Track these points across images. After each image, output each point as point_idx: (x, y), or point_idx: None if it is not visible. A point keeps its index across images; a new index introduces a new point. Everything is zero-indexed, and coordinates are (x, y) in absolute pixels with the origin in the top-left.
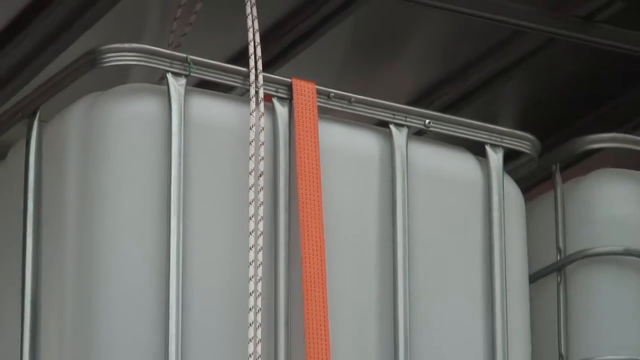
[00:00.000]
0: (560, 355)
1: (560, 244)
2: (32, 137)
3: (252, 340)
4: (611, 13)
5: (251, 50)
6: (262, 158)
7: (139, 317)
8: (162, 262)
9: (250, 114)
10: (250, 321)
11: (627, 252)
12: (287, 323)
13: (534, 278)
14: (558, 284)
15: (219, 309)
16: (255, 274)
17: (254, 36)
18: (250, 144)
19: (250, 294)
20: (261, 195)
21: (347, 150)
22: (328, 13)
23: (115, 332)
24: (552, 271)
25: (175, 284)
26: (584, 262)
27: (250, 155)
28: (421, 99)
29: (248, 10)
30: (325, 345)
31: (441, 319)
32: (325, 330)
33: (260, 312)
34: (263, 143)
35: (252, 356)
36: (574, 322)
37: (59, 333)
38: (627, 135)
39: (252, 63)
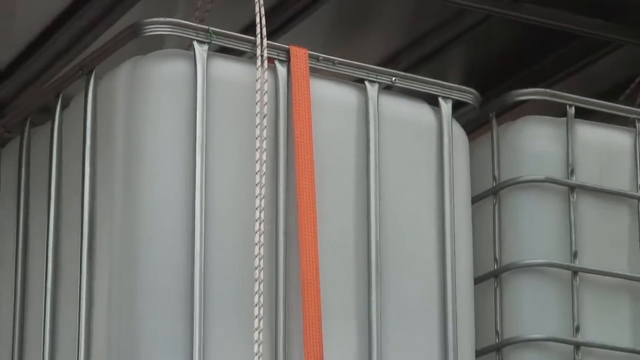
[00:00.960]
0: (495, 259)
1: (496, 174)
2: (89, 90)
3: (257, 256)
4: None
5: (258, 22)
6: (266, 103)
7: (172, 242)
8: (190, 185)
9: (257, 72)
10: (256, 241)
11: (546, 180)
12: (285, 242)
13: (475, 200)
14: (494, 205)
15: (232, 222)
16: (260, 194)
17: (260, 11)
18: (257, 93)
19: (256, 209)
20: (265, 132)
21: (331, 100)
22: None
23: (154, 255)
24: (489, 195)
25: (200, 205)
26: (513, 188)
27: (256, 101)
28: (389, 61)
29: None
30: (315, 259)
31: (404, 234)
32: (314, 243)
33: (262, 235)
34: (267, 92)
35: (257, 268)
36: (505, 235)
37: (110, 258)
38: (547, 90)
39: (258, 33)
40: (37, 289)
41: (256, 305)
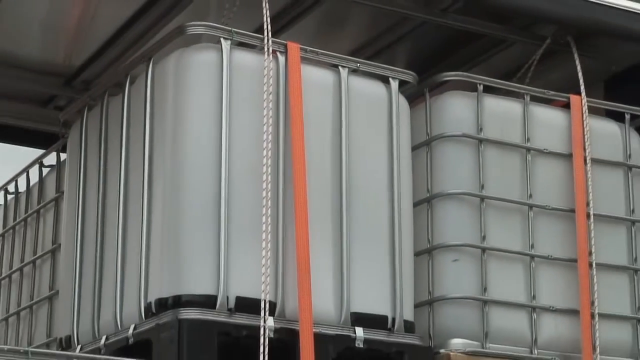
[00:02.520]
0: (427, 190)
1: (428, 131)
2: (149, 72)
3: (265, 189)
4: (457, 7)
5: (265, 25)
6: (271, 84)
7: (206, 177)
8: (218, 138)
9: (264, 60)
10: (264, 178)
11: (463, 135)
12: (284, 178)
13: (414, 148)
14: (427, 152)
15: (247, 164)
16: (267, 146)
17: (266, 17)
18: (264, 75)
19: (264, 157)
20: (270, 103)
21: (315, 80)
22: (307, 6)
23: (194, 187)
24: (423, 145)
25: (225, 152)
26: (440, 140)
27: (264, 82)
28: (355, 53)
29: (264, 3)
30: (304, 190)
31: (366, 173)
32: (304, 180)
33: (269, 174)
34: (271, 75)
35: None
36: (435, 173)
37: (163, 189)
38: (463, 72)
39: (265, 32)
40: (113, 209)
41: (264, 215)
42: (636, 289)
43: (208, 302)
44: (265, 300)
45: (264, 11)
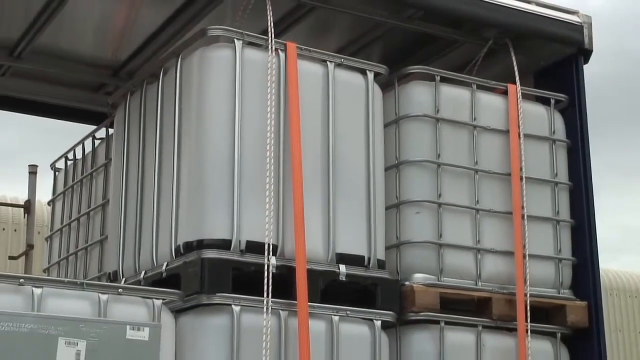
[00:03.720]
0: (396, 158)
1: (396, 112)
2: (178, 65)
3: (269, 162)
4: (420, 15)
5: (269, 28)
6: (274, 75)
7: (223, 148)
8: (232, 118)
9: (268, 57)
10: (267, 149)
11: (423, 115)
12: (284, 151)
13: (386, 126)
14: (395, 128)
15: (254, 137)
16: (270, 124)
17: (270, 22)
18: (268, 68)
19: (267, 132)
20: (273, 91)
21: (308, 72)
22: (302, 14)
23: (213, 156)
24: (393, 123)
25: (238, 128)
26: (406, 119)
27: (268, 73)
28: (339, 51)
29: (268, 11)
30: (299, 160)
31: (347, 146)
32: (299, 153)
33: (272, 147)
34: (274, 68)
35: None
36: (402, 144)
37: (189, 158)
38: (424, 66)
39: (269, 34)
40: (149, 171)
41: (268, 176)
42: (558, 236)
43: (224, 244)
44: (268, 244)
45: (268, 18)
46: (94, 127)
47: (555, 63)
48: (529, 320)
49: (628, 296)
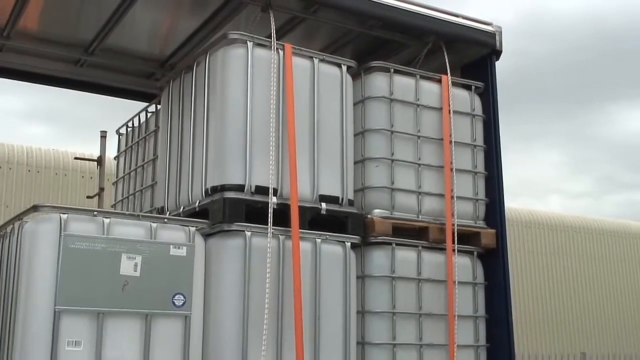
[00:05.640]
0: (361, 126)
1: (362, 95)
2: (207, 60)
3: (272, 124)
4: (380, 24)
5: (272, 32)
6: (275, 68)
7: (238, 127)
8: (245, 104)
9: (272, 55)
10: (271, 117)
11: (382, 97)
12: (282, 118)
13: (354, 105)
14: (361, 107)
15: (260, 118)
16: (273, 109)
17: (272, 27)
18: (272, 64)
19: (271, 116)
20: (274, 82)
21: (300, 66)
22: (296, 24)
23: (229, 132)
24: (359, 102)
25: (250, 112)
26: (369, 99)
27: (271, 67)
28: (323, 50)
29: (272, 21)
30: (293, 122)
31: (328, 119)
32: (292, 119)
33: (274, 118)
34: (275, 64)
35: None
36: (366, 117)
37: (214, 135)
38: (383, 61)
39: (272, 37)
40: (187, 135)
41: (271, 140)
42: (475, 183)
43: (239, 188)
44: (271, 187)
45: (271, 26)
46: (146, 104)
47: (476, 60)
48: (455, 242)
49: (523, 226)
